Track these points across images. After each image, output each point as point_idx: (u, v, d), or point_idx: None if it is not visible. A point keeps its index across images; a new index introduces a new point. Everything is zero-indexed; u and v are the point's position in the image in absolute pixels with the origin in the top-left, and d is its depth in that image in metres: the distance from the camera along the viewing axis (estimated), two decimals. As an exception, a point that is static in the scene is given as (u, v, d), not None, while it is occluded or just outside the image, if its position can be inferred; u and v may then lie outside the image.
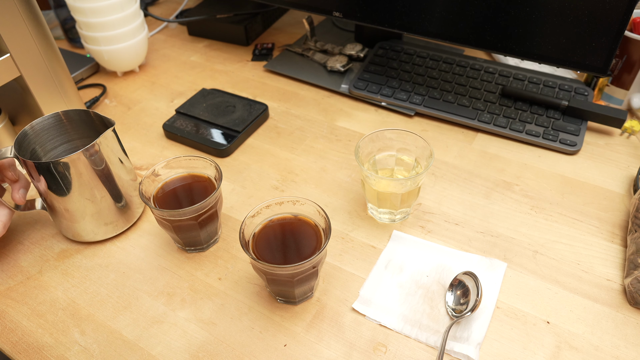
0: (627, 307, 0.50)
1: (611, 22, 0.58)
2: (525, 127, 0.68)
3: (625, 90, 0.71)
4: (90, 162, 0.51)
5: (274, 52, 0.90)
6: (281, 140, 0.71)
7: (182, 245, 0.56)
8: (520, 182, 0.63)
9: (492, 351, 0.46)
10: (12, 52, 0.60)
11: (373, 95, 0.76)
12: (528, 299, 0.50)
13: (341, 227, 0.58)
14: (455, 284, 0.50)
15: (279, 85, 0.82)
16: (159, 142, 0.72)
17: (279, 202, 0.50)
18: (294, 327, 0.49)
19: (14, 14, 0.58)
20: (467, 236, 0.57)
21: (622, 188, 0.61)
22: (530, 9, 0.62)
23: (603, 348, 0.46)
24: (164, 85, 0.84)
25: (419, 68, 0.79)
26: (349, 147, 0.69)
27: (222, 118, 0.72)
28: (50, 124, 0.56)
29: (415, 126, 0.72)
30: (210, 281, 0.54)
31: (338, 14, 0.76)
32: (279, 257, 0.48)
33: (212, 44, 0.94)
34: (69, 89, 0.68)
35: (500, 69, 0.77)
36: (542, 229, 0.57)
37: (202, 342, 0.48)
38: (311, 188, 0.64)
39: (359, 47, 0.84)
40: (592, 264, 0.53)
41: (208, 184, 0.56)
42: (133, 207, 0.59)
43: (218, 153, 0.68)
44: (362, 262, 0.55)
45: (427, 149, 0.55)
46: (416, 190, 0.55)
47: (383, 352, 0.47)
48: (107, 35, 0.78)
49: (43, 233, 0.60)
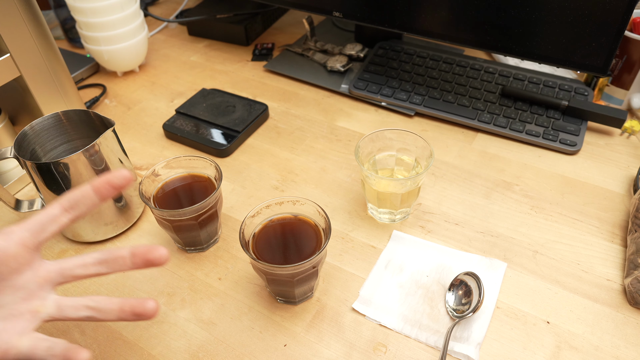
0: (627, 307, 0.50)
1: (611, 22, 0.58)
2: (525, 127, 0.68)
3: (625, 90, 0.71)
4: (90, 162, 0.51)
5: (274, 52, 0.90)
6: (281, 140, 0.71)
7: (182, 245, 0.56)
8: (520, 182, 0.63)
9: (492, 351, 0.46)
10: (12, 52, 0.60)
11: (373, 95, 0.76)
12: (528, 299, 0.50)
13: (341, 227, 0.58)
14: (456, 284, 0.50)
15: (279, 85, 0.82)
16: (159, 142, 0.72)
17: (279, 202, 0.50)
18: (294, 327, 0.49)
19: (14, 14, 0.58)
20: (467, 236, 0.57)
21: (622, 188, 0.61)
22: (530, 9, 0.62)
23: (603, 348, 0.46)
24: (164, 85, 0.84)
25: (419, 68, 0.79)
26: (349, 147, 0.69)
27: (222, 118, 0.72)
28: (50, 124, 0.56)
29: (415, 126, 0.72)
30: (210, 281, 0.54)
31: (338, 14, 0.76)
32: (279, 257, 0.48)
33: (212, 44, 0.94)
34: (69, 89, 0.68)
35: (500, 69, 0.77)
36: (542, 229, 0.57)
37: (202, 342, 0.48)
38: (311, 188, 0.64)
39: (359, 47, 0.84)
40: (592, 264, 0.53)
41: (208, 184, 0.56)
42: (133, 207, 0.59)
43: (218, 153, 0.68)
44: (362, 262, 0.55)
45: (427, 149, 0.55)
46: (416, 190, 0.55)
47: (383, 352, 0.47)
48: (107, 35, 0.78)
49: (43, 233, 0.59)
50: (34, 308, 0.37)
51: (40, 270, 0.37)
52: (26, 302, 0.37)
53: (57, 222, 0.37)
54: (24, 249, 0.36)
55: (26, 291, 0.37)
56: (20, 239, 0.36)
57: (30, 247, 0.37)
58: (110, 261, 0.38)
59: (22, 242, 0.36)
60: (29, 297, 0.37)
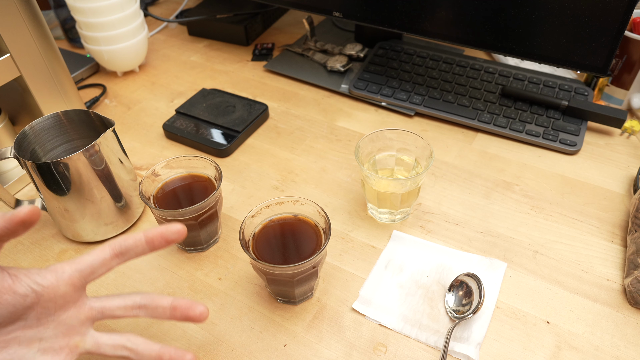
0: (627, 307, 0.50)
1: (611, 22, 0.58)
2: (525, 127, 0.68)
3: (625, 90, 0.71)
4: (90, 162, 0.51)
5: (274, 52, 0.90)
6: (281, 140, 0.71)
7: (182, 245, 0.56)
8: (520, 182, 0.63)
9: (492, 351, 0.46)
10: (12, 52, 0.60)
11: (373, 95, 0.76)
12: (528, 299, 0.50)
13: (341, 227, 0.58)
14: (457, 284, 0.50)
15: (279, 85, 0.82)
16: (159, 142, 0.72)
17: (279, 202, 0.50)
18: (294, 327, 0.49)
19: (14, 14, 0.58)
20: (467, 236, 0.57)
21: (622, 188, 0.61)
22: (530, 9, 0.62)
23: (603, 348, 0.46)
24: (164, 85, 0.84)
25: (419, 68, 0.79)
26: (349, 147, 0.69)
27: (222, 118, 0.72)
28: (50, 124, 0.56)
29: (415, 126, 0.72)
30: (210, 281, 0.54)
31: (338, 14, 0.76)
32: (279, 257, 0.48)
33: (212, 44, 0.94)
34: (69, 89, 0.68)
35: (500, 69, 0.77)
36: (542, 229, 0.57)
37: (202, 342, 0.48)
38: (311, 188, 0.64)
39: (359, 47, 0.84)
40: (592, 264, 0.53)
41: (208, 184, 0.56)
42: (133, 207, 0.59)
43: (218, 153, 0.68)
44: (362, 262, 0.55)
45: (427, 149, 0.55)
46: (416, 190, 0.55)
47: (383, 352, 0.47)
48: (107, 35, 0.78)
49: (43, 233, 0.60)
50: (74, 343, 0.38)
51: (83, 308, 0.39)
52: (67, 337, 0.38)
53: (106, 265, 0.38)
54: (72, 289, 0.38)
55: (68, 327, 0.38)
56: (70, 279, 0.37)
57: (77, 287, 0.38)
58: (150, 308, 0.39)
59: (72, 282, 0.37)
60: (70, 332, 0.38)
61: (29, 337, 0.37)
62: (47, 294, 0.37)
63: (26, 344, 0.37)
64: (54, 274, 0.37)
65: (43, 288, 0.36)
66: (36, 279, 0.36)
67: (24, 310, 0.36)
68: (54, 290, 0.37)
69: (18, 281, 0.36)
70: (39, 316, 0.37)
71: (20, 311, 0.36)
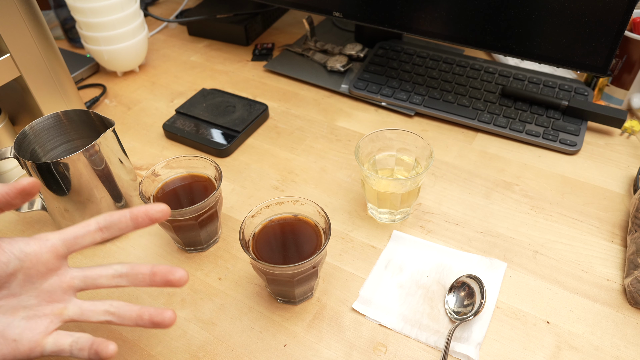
0: (627, 307, 0.50)
1: (611, 22, 0.58)
2: (525, 127, 0.68)
3: (625, 90, 0.71)
4: (90, 162, 0.51)
5: (274, 52, 0.90)
6: (281, 140, 0.71)
7: (182, 245, 0.56)
8: (520, 182, 0.63)
9: (492, 351, 0.46)
10: (12, 52, 0.60)
11: (373, 95, 0.76)
12: (528, 299, 0.50)
13: (341, 227, 0.58)
14: (458, 285, 0.50)
15: (279, 85, 0.82)
16: (159, 142, 0.72)
17: (279, 202, 0.50)
18: (294, 327, 0.49)
19: (14, 14, 0.58)
20: (467, 236, 0.57)
21: (622, 188, 0.61)
22: (530, 9, 0.62)
23: (603, 348, 0.46)
24: (164, 85, 0.84)
25: (419, 68, 0.79)
26: (349, 147, 0.69)
27: (222, 118, 0.72)
28: (50, 124, 0.56)
29: (415, 126, 0.72)
30: (210, 281, 0.54)
31: (338, 14, 0.76)
32: (279, 257, 0.48)
33: (212, 44, 0.94)
34: (69, 89, 0.68)
35: (500, 69, 0.77)
36: (542, 229, 0.57)
37: (202, 342, 0.48)
38: (311, 188, 0.64)
39: (359, 47, 0.84)
40: (592, 264, 0.53)
41: (208, 184, 0.56)
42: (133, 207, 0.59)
43: (218, 153, 0.68)
44: (362, 262, 0.55)
45: (427, 149, 0.55)
46: (416, 190, 0.55)
47: (383, 352, 0.47)
48: (107, 35, 0.78)
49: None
50: (57, 310, 0.39)
51: (65, 277, 0.39)
52: (50, 305, 0.39)
53: (90, 237, 0.39)
54: (54, 257, 0.38)
55: (50, 294, 0.39)
56: (53, 247, 0.38)
57: (60, 255, 0.39)
58: (131, 275, 0.39)
59: (54, 250, 0.38)
60: (53, 300, 0.39)
61: (13, 306, 0.38)
62: (29, 260, 0.37)
63: (11, 312, 0.38)
64: (38, 242, 0.38)
65: (26, 255, 0.37)
66: (20, 246, 0.37)
67: (7, 278, 0.37)
68: (37, 257, 0.38)
69: (1, 249, 0.37)
70: (22, 284, 0.38)
71: (4, 279, 0.37)
